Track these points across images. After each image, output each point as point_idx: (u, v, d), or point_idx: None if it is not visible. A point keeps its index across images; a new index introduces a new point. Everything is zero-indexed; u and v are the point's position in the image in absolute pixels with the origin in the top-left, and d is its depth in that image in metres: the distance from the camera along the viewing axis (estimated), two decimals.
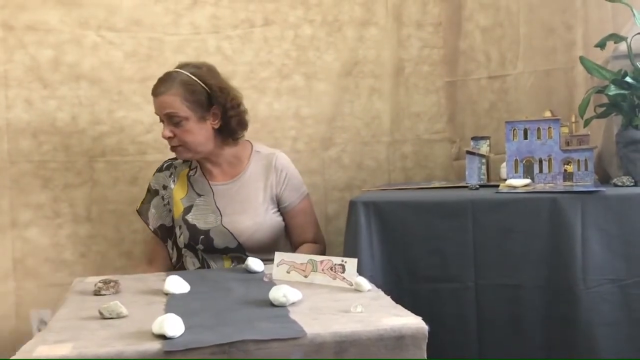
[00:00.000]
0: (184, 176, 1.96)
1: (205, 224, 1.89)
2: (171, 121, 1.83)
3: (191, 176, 1.95)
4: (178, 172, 1.97)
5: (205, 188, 1.93)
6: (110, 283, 1.41)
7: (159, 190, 1.97)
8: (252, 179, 1.92)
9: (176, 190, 1.95)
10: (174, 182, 1.96)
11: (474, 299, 1.58)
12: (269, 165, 1.93)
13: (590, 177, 1.72)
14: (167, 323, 1.05)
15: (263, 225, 1.88)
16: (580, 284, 1.51)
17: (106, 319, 1.18)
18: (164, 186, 1.97)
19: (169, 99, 1.82)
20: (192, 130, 1.84)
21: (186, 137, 1.85)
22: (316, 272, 1.41)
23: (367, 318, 1.12)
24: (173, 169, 1.99)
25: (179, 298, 1.34)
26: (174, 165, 1.99)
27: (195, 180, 1.95)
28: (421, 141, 2.34)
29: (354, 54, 2.29)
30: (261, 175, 1.92)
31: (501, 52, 2.24)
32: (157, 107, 1.86)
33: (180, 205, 1.93)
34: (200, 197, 1.92)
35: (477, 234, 1.58)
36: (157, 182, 1.98)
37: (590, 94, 1.70)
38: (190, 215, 1.90)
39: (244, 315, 1.17)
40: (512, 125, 1.79)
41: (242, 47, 2.23)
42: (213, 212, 1.90)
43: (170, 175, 1.97)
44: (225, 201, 1.90)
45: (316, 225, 2.02)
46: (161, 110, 1.84)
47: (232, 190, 1.91)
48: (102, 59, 2.14)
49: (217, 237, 1.88)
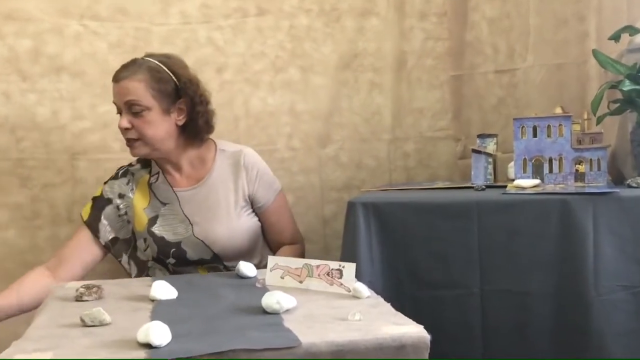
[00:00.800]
0: (144, 184, 1.88)
1: (175, 235, 1.83)
2: (131, 110, 1.75)
3: (152, 183, 1.87)
4: (137, 179, 1.89)
5: (169, 195, 1.85)
6: (93, 288, 1.41)
7: (112, 199, 1.87)
8: (219, 180, 1.85)
9: (137, 200, 1.87)
10: (133, 190, 1.87)
11: (479, 306, 1.58)
12: (237, 164, 1.86)
13: (603, 178, 1.73)
14: (153, 331, 1.05)
15: (238, 230, 1.84)
16: (592, 291, 1.51)
17: (88, 327, 1.18)
18: (121, 195, 1.87)
19: (133, 85, 1.74)
20: (153, 123, 1.76)
21: (146, 130, 1.76)
22: (312, 277, 1.41)
23: (365, 326, 1.12)
24: (130, 175, 1.89)
25: (165, 304, 1.34)
26: (131, 172, 1.90)
27: (158, 188, 1.86)
28: (424, 139, 2.34)
29: (353, 46, 2.30)
30: (229, 176, 1.86)
31: (509, 44, 2.24)
32: (117, 94, 1.77)
33: (143, 216, 1.85)
34: (165, 205, 1.85)
35: (483, 237, 1.58)
36: (111, 190, 1.88)
37: (604, 90, 1.71)
38: (157, 227, 1.84)
39: (234, 323, 1.17)
40: (521, 122, 1.80)
41: (234, 37, 2.23)
42: (182, 221, 1.83)
43: (128, 182, 1.88)
44: (193, 208, 1.84)
45: (293, 221, 1.99)
46: (121, 97, 1.75)
47: (198, 195, 1.85)
48: (85, 50, 2.14)
49: (190, 249, 1.83)
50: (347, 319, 1.16)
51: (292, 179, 2.28)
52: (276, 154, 2.27)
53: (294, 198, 2.27)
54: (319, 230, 2.28)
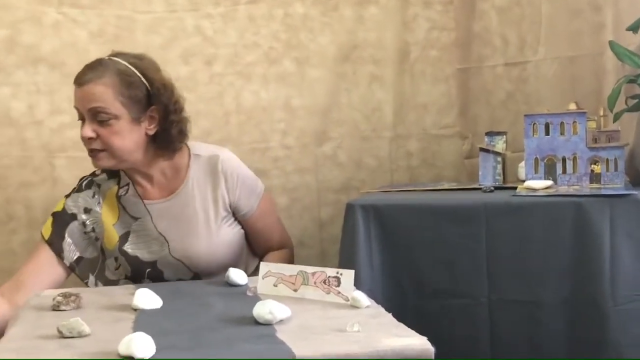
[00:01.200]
0: (112, 196, 1.80)
1: (150, 254, 1.78)
2: (96, 118, 1.67)
3: (122, 196, 1.79)
4: (104, 192, 1.81)
5: (140, 209, 1.78)
6: (71, 297, 1.40)
7: (76, 215, 1.78)
8: (196, 190, 1.78)
9: (105, 215, 1.79)
10: (100, 204, 1.79)
11: (486, 317, 1.58)
12: (214, 171, 1.78)
13: (620, 179, 1.73)
14: (135, 343, 1.04)
15: (220, 244, 1.78)
16: (609, 301, 1.51)
17: (66, 338, 1.17)
18: (86, 209, 1.79)
19: (99, 90, 1.66)
20: (121, 133, 1.68)
21: (113, 141, 1.68)
22: (307, 285, 1.41)
23: (365, 338, 1.12)
24: (96, 187, 1.81)
25: (149, 314, 1.33)
26: (96, 183, 1.82)
27: (127, 201, 1.79)
28: (428, 136, 2.34)
29: (352, 37, 2.29)
30: (207, 184, 1.78)
31: (520, 35, 2.24)
32: (80, 99, 1.68)
33: (113, 233, 1.78)
34: (137, 220, 1.78)
35: (491, 242, 1.58)
36: (75, 204, 1.79)
37: (621, 84, 1.71)
38: (129, 245, 1.78)
39: (224, 335, 1.17)
40: (532, 118, 1.80)
41: (225, 27, 2.22)
42: (155, 238, 1.77)
43: (94, 195, 1.80)
44: (167, 223, 1.77)
45: (281, 224, 1.96)
46: (85, 104, 1.67)
47: (173, 208, 1.78)
48: (64, 39, 2.13)
49: (167, 269, 1.78)
50: (345, 331, 1.16)
51: (287, 179, 2.28)
52: (269, 153, 2.27)
53: (288, 200, 2.26)
54: (315, 235, 2.28)
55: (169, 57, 2.17)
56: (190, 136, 1.88)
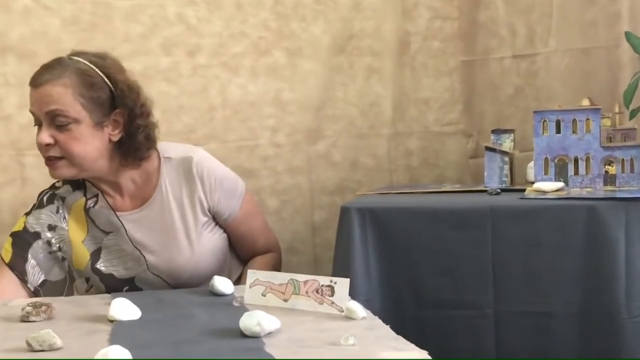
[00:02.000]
0: (79, 210, 1.76)
1: (126, 270, 1.75)
2: (54, 122, 1.64)
3: (90, 208, 1.75)
4: (68, 205, 1.77)
5: (112, 222, 1.74)
6: (42, 307, 1.39)
7: (40, 233, 1.74)
8: (171, 197, 1.75)
9: (73, 231, 1.76)
10: (65, 219, 1.76)
11: (492, 329, 1.59)
12: (189, 173, 1.75)
13: (636, 181, 1.74)
14: (111, 357, 1.04)
15: (203, 253, 1.76)
16: (623, 312, 1.52)
17: (36, 352, 1.16)
18: (51, 226, 1.75)
19: (57, 91, 1.63)
20: (82, 138, 1.65)
21: (72, 147, 1.64)
22: (298, 294, 1.41)
23: (360, 352, 1.12)
24: (59, 201, 1.77)
25: (127, 326, 1.33)
26: (59, 196, 1.78)
27: (98, 214, 1.75)
28: (430, 134, 2.35)
29: (348, 26, 2.29)
30: (182, 189, 1.75)
31: (529, 25, 2.25)
32: (36, 102, 1.65)
33: (83, 251, 1.75)
34: (109, 234, 1.75)
35: (498, 249, 1.59)
36: (37, 222, 1.75)
37: (638, 78, 1.72)
38: (102, 263, 1.75)
39: (207, 348, 1.16)
40: (542, 115, 1.80)
41: (210, 15, 2.22)
42: (131, 253, 1.74)
43: (58, 210, 1.76)
44: (143, 236, 1.74)
45: (266, 226, 1.93)
46: (42, 106, 1.64)
47: (147, 218, 1.75)
48: (35, 27, 2.13)
49: (146, 286, 1.75)
50: (340, 344, 1.16)
51: (277, 179, 2.28)
52: (258, 151, 2.27)
53: (278, 202, 2.26)
54: (307, 240, 2.28)
55: (150, 47, 2.17)
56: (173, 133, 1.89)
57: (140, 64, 2.16)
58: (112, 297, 1.49)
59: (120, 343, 1.09)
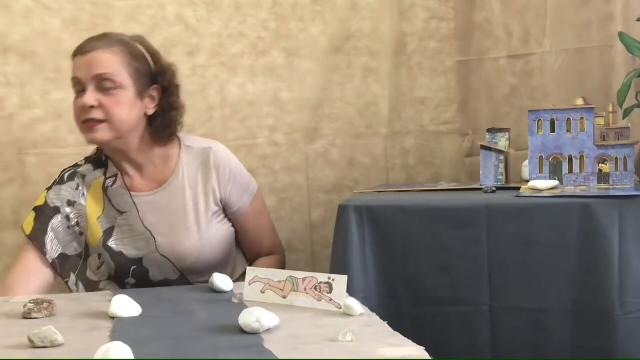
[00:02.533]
0: (97, 188, 1.80)
1: (136, 250, 1.78)
2: (100, 86, 1.68)
3: (108, 187, 1.79)
4: (88, 183, 1.81)
5: (126, 202, 1.78)
6: (44, 304, 1.40)
7: (59, 208, 1.78)
8: (186, 183, 1.80)
9: (90, 207, 1.79)
10: (84, 196, 1.80)
11: (488, 326, 1.59)
12: (206, 163, 1.80)
13: (630, 179, 1.74)
14: (112, 353, 1.04)
15: (210, 241, 1.80)
16: (617, 309, 1.52)
17: (38, 348, 1.17)
18: (70, 202, 1.79)
19: (107, 57, 1.69)
20: (126, 104, 1.70)
21: (117, 110, 1.69)
22: (297, 291, 1.41)
23: (358, 348, 1.12)
24: (79, 178, 1.82)
25: (127, 323, 1.33)
26: (80, 174, 1.82)
27: (114, 193, 1.79)
28: (426, 133, 2.35)
29: (345, 26, 2.30)
30: (198, 177, 1.81)
31: (524, 26, 2.25)
32: (83, 67, 1.69)
33: (97, 227, 1.79)
34: (122, 214, 1.79)
35: (493, 246, 1.59)
36: (57, 197, 1.79)
37: (632, 78, 1.72)
38: (114, 241, 1.78)
39: (207, 345, 1.17)
40: (537, 114, 1.81)
41: (209, 15, 2.23)
42: (142, 234, 1.78)
43: (77, 187, 1.80)
44: (155, 217, 1.78)
45: (273, 227, 1.97)
46: (91, 70, 1.68)
47: (161, 201, 1.79)
48: (36, 27, 2.13)
49: (153, 267, 1.79)
50: (338, 340, 1.16)
51: (275, 178, 2.28)
52: (256, 150, 2.27)
53: (276, 200, 2.27)
54: (305, 238, 2.28)
55: None
56: None
57: None
58: (113, 295, 1.49)
59: (121, 339, 1.10)
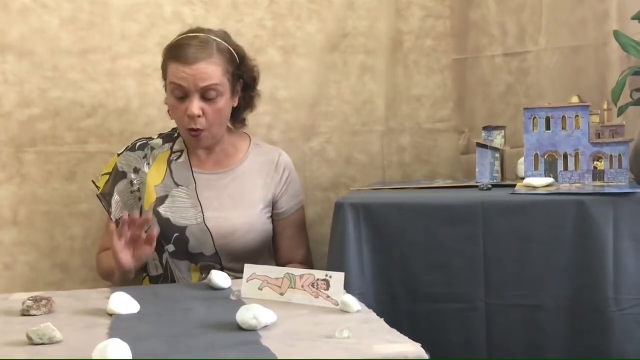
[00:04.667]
0: (163, 159, 1.96)
1: (182, 219, 1.89)
2: (204, 96, 1.84)
3: (172, 160, 1.95)
4: (155, 155, 1.96)
5: (187, 177, 1.93)
6: (42, 301, 1.40)
7: (127, 173, 1.95)
8: (249, 173, 1.96)
9: (151, 175, 1.94)
10: (149, 165, 1.94)
11: (483, 322, 1.59)
12: (271, 162, 1.98)
13: (624, 176, 1.74)
14: (110, 350, 1.04)
15: (256, 226, 1.92)
16: (612, 305, 1.52)
17: (36, 345, 1.16)
18: (135, 169, 1.94)
19: (212, 69, 1.83)
20: (223, 109, 1.88)
21: (217, 118, 1.86)
22: (294, 288, 1.41)
23: (355, 345, 1.12)
24: (148, 150, 1.97)
25: (125, 320, 1.33)
26: (150, 146, 1.98)
27: (178, 167, 1.95)
28: (422, 131, 2.35)
29: (341, 25, 2.29)
30: (261, 172, 1.97)
31: (520, 24, 2.25)
32: (190, 77, 1.82)
33: (153, 193, 1.92)
34: (179, 187, 1.92)
35: (489, 243, 1.59)
36: (126, 162, 1.96)
37: (626, 76, 1.72)
38: (164, 207, 1.90)
39: (205, 341, 1.17)
40: (532, 112, 1.81)
41: (206, 14, 2.22)
42: (193, 206, 1.90)
43: (145, 156, 1.96)
44: (211, 194, 1.92)
45: (307, 242, 2.06)
46: (198, 82, 1.82)
47: (222, 182, 1.94)
48: (33, 26, 2.12)
49: (194, 237, 1.89)
50: (334, 337, 1.16)
51: None
52: None
53: None
54: None
55: (147, 46, 2.16)
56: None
57: (138, 62, 2.17)
58: (111, 292, 1.49)
59: (119, 336, 1.10)
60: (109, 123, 2.16)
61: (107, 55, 2.15)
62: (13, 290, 1.85)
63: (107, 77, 2.16)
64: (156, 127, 2.11)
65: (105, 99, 2.16)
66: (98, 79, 2.15)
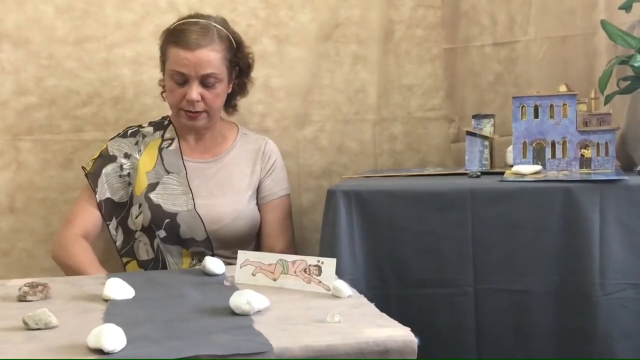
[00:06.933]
0: (154, 147, 1.98)
1: (174, 205, 1.91)
2: (203, 82, 1.86)
3: (164, 148, 1.97)
4: (146, 142, 1.98)
5: (177, 164, 1.95)
6: (38, 287, 1.40)
7: (117, 157, 1.96)
8: (236, 161, 1.98)
9: (143, 162, 1.96)
10: (140, 152, 1.97)
11: (472, 307, 1.60)
12: (258, 150, 2.01)
13: (611, 164, 1.75)
14: (105, 335, 1.04)
15: (244, 214, 1.94)
16: (598, 290, 1.53)
17: (32, 330, 1.17)
18: (127, 154, 1.97)
19: (212, 56, 1.86)
20: (221, 94, 1.91)
21: (215, 103, 1.90)
22: (287, 274, 1.42)
23: (346, 329, 1.12)
24: (140, 137, 1.99)
25: (120, 305, 1.33)
26: (142, 134, 1.99)
27: (168, 154, 1.97)
28: (413, 119, 2.35)
29: (334, 14, 2.28)
30: (248, 160, 1.99)
31: (509, 14, 2.25)
32: (191, 64, 1.85)
33: (144, 180, 1.94)
34: (170, 174, 1.95)
35: (478, 229, 1.59)
36: (118, 147, 1.98)
37: (613, 65, 1.72)
38: (155, 194, 1.92)
39: (199, 326, 1.17)
40: (521, 101, 1.81)
41: (200, 3, 2.21)
42: (184, 193, 1.93)
43: (137, 143, 1.98)
44: (201, 181, 1.95)
45: (291, 232, 2.05)
46: (199, 70, 1.85)
47: (211, 170, 1.96)
48: (29, 15, 2.11)
49: (185, 224, 1.91)
50: (326, 321, 1.16)
51: None
52: None
53: None
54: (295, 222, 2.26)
55: (141, 35, 2.16)
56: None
57: (132, 51, 2.16)
58: (106, 277, 1.49)
59: (114, 322, 1.10)
60: (105, 111, 2.16)
61: (102, 44, 2.14)
62: (10, 276, 1.84)
63: (103, 65, 2.15)
64: (151, 115, 2.11)
65: (100, 87, 2.15)
66: (93, 68, 2.15)
